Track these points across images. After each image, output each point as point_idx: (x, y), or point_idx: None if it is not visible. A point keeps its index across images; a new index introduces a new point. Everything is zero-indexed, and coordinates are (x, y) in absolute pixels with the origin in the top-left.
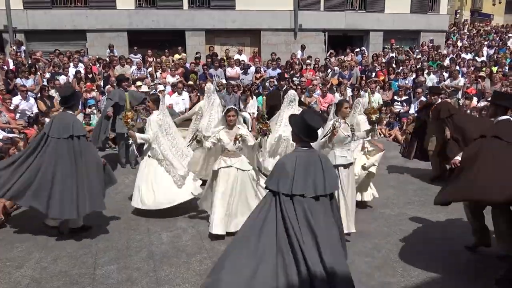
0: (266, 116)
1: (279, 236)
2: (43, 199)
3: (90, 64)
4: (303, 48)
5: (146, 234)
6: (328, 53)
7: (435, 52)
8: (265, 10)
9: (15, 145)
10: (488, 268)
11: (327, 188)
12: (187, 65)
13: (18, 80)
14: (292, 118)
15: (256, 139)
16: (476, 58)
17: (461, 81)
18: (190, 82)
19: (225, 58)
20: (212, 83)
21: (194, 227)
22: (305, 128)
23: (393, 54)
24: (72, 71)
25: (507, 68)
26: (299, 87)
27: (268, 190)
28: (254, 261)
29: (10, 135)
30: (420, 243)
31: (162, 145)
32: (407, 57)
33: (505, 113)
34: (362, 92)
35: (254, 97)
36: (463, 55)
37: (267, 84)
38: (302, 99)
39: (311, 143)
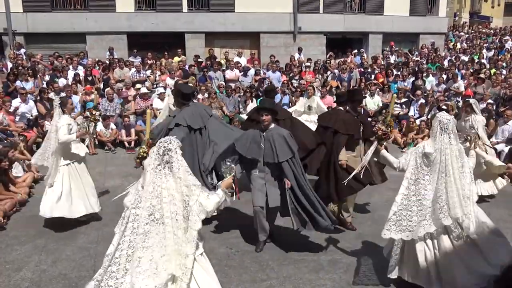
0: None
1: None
2: None
3: (91, 66)
4: (300, 50)
5: None
6: (328, 55)
7: (434, 54)
8: (264, 13)
9: (15, 147)
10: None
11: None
12: (186, 67)
13: (18, 83)
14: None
15: None
16: (480, 60)
17: (461, 85)
18: (190, 85)
19: (224, 60)
20: (211, 85)
21: None
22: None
23: (394, 57)
24: (71, 73)
25: (504, 71)
26: (298, 89)
27: None
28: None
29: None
30: None
31: None
32: (406, 59)
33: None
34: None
35: (254, 99)
36: (462, 57)
37: (265, 86)
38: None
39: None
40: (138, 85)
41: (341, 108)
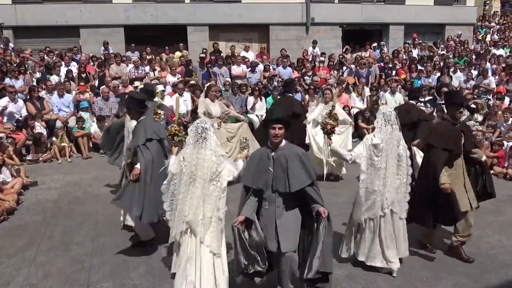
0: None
1: None
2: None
3: (85, 62)
4: (314, 43)
5: (144, 248)
6: (344, 49)
7: (462, 48)
8: (274, 3)
9: (3, 150)
10: None
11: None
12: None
13: (7, 80)
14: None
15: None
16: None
17: (492, 82)
18: (192, 82)
19: (230, 55)
20: (215, 83)
21: None
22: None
23: (417, 51)
24: (63, 70)
25: None
26: (312, 87)
27: None
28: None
29: None
30: (444, 258)
31: None
32: (431, 53)
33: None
34: (381, 93)
35: (263, 98)
36: (493, 50)
37: (275, 83)
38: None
39: None
40: (136, 83)
41: (413, 102)
